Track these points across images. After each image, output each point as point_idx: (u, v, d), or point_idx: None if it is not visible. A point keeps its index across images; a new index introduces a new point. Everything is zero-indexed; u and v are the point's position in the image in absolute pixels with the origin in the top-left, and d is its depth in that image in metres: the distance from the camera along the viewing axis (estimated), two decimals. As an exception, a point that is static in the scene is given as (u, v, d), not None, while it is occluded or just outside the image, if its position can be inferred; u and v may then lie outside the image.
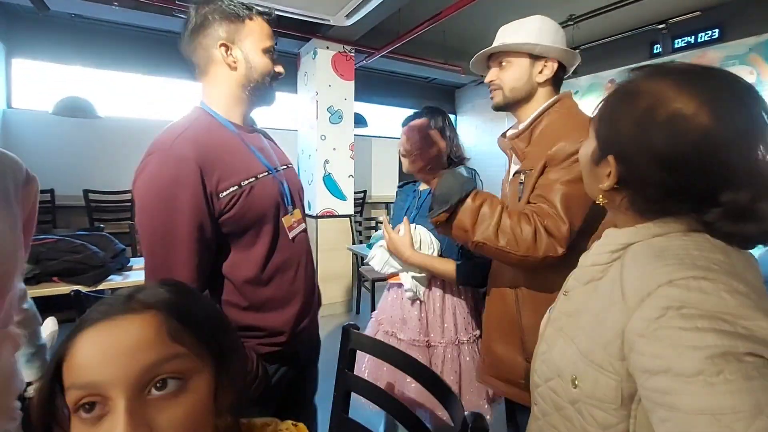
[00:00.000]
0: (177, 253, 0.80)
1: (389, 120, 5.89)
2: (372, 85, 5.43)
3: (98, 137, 4.00)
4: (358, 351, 1.00)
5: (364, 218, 3.94)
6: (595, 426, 0.56)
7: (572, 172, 0.89)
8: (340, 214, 3.74)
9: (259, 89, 0.97)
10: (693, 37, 3.73)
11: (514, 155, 1.09)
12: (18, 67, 3.77)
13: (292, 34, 3.61)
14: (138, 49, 4.11)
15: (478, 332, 1.31)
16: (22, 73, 3.80)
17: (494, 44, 1.05)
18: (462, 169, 1.32)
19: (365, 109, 5.38)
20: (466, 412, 0.69)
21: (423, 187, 1.46)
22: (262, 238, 0.92)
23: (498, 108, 1.09)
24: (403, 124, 1.60)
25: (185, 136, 0.84)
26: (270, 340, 0.93)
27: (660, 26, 3.77)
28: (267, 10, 0.97)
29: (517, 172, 1.03)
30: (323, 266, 3.65)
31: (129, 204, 3.88)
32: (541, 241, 0.88)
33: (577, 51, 1.06)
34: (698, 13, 3.59)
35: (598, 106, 0.63)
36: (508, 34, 1.04)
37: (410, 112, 1.71)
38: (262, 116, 4.13)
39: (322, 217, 3.65)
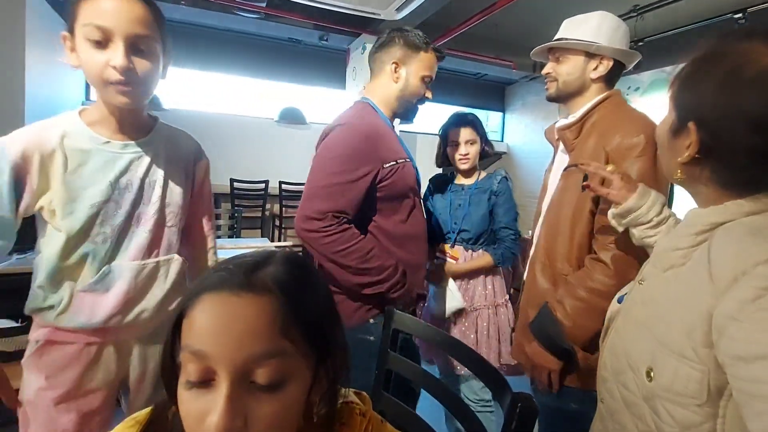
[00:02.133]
0: (352, 195, 1.08)
1: (435, 117, 5.85)
2: (419, 82, 5.41)
3: (162, 129, 4.29)
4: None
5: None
6: (674, 426, 0.50)
7: (639, 167, 0.92)
8: (384, 208, 3.76)
9: (406, 104, 1.25)
10: (776, 27, 3.39)
11: (561, 146, 1.14)
12: (95, 63, 4.12)
13: (343, 30, 3.68)
14: (200, 47, 4.36)
15: (507, 296, 1.60)
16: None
17: (555, 37, 1.10)
18: (501, 172, 1.65)
19: (412, 105, 5.37)
20: (515, 392, 0.66)
21: (459, 181, 1.67)
22: (403, 207, 1.20)
23: (551, 99, 1.14)
24: (454, 122, 1.59)
25: (366, 119, 1.17)
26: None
27: (737, 16, 3.45)
28: (442, 51, 1.26)
29: (573, 166, 1.04)
30: (365, 259, 3.69)
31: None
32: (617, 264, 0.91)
33: (638, 49, 1.06)
34: (783, 0, 3.25)
35: (674, 77, 0.58)
36: (569, 29, 1.09)
37: (457, 109, 1.71)
38: (314, 112, 4.24)
39: (365, 210, 3.69)
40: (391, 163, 1.14)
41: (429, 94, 1.26)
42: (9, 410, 0.84)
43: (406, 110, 1.26)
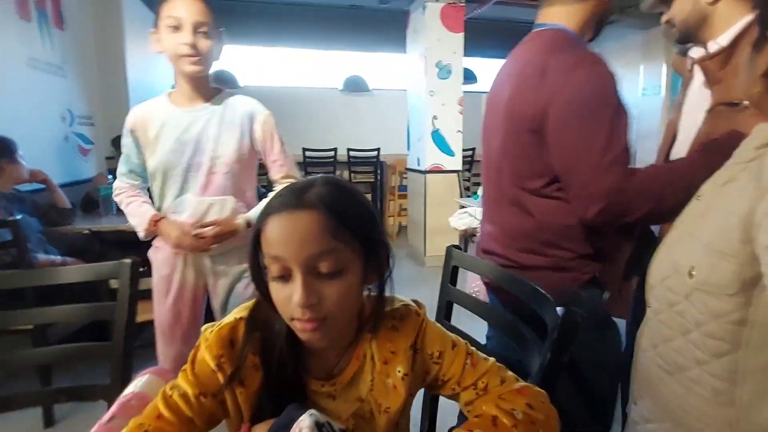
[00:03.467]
0: (621, 146, 0.82)
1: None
2: (484, 38, 5.17)
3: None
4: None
5: (472, 174, 3.94)
6: (707, 314, 0.56)
7: None
8: (448, 169, 3.79)
9: (602, 23, 1.02)
10: None
11: (697, 79, 1.00)
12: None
13: (402, -10, 3.64)
14: (265, 22, 4.59)
15: None
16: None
17: None
18: None
19: (476, 64, 5.20)
20: (558, 308, 0.74)
21: None
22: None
23: (681, 42, 1.03)
24: None
25: (588, 53, 0.89)
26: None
27: None
28: None
29: (727, 105, 0.89)
30: (431, 220, 3.79)
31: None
32: None
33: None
34: None
35: None
36: None
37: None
38: (376, 79, 4.30)
39: (430, 172, 3.75)
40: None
41: None
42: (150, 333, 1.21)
43: (599, 28, 1.02)
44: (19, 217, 1.67)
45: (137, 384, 0.67)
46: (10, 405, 0.90)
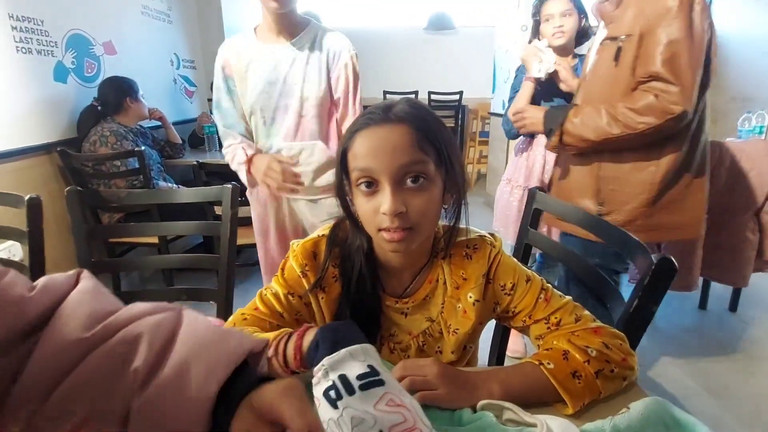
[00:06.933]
0: None
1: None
2: (592, -41, 4.48)
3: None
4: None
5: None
6: None
7: (672, 31, 0.96)
8: (536, 114, 3.51)
9: None
10: None
11: (602, 23, 1.14)
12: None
13: None
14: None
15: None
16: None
17: None
18: None
19: (580, -8, 4.55)
20: (653, 255, 0.69)
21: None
22: None
23: None
24: None
25: None
26: None
27: None
28: None
29: (610, 39, 1.07)
30: (512, 168, 3.62)
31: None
32: (653, 108, 0.98)
33: None
34: None
35: None
36: None
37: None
38: (461, 15, 4.02)
39: (515, 117, 3.51)
40: None
41: None
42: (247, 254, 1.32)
43: None
44: (143, 148, 1.94)
45: None
46: (144, 299, 1.11)
